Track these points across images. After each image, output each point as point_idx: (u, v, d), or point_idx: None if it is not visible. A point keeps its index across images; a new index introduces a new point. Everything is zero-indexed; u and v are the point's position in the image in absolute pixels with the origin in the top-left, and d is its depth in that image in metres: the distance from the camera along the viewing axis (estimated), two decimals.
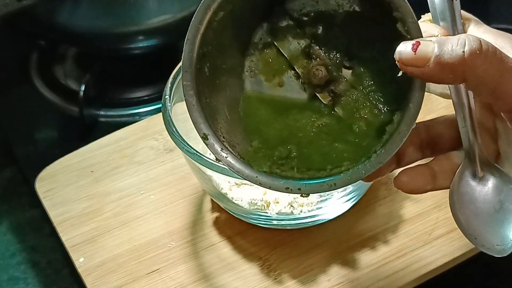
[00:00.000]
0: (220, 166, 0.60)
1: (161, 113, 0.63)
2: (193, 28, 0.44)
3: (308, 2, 0.47)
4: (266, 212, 0.63)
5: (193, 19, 0.44)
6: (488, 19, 0.97)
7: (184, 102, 0.44)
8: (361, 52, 0.47)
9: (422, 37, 0.41)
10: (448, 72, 0.40)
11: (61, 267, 0.71)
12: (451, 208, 0.46)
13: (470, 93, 0.45)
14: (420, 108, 0.43)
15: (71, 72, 0.92)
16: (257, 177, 0.44)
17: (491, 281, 0.68)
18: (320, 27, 0.48)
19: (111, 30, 0.83)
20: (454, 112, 0.46)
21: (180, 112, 0.66)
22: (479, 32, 0.47)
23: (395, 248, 0.63)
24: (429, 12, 0.45)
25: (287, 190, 0.43)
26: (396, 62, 0.41)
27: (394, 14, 0.42)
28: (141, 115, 0.85)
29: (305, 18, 0.48)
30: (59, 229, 0.67)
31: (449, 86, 0.45)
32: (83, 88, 0.83)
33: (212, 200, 0.68)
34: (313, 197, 0.62)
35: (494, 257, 0.44)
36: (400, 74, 0.42)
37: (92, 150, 0.73)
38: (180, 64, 0.67)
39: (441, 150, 0.48)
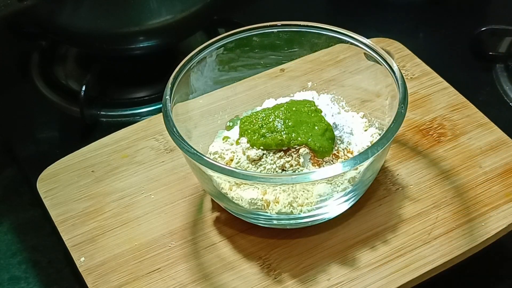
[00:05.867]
0: (220, 166, 0.60)
1: (161, 113, 0.64)
2: None
3: None
4: (266, 212, 0.63)
5: None
6: (487, 19, 0.97)
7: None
8: None
9: None
10: None
11: (62, 266, 0.71)
12: None
13: None
14: None
15: (72, 73, 0.92)
16: None
17: (490, 281, 0.68)
18: None
19: (111, 30, 0.83)
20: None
21: (180, 112, 0.66)
22: None
23: (395, 248, 0.64)
24: None
25: None
26: None
27: None
28: (142, 115, 0.85)
29: None
30: (60, 229, 0.67)
31: None
32: (84, 88, 0.83)
33: (212, 200, 0.68)
34: (313, 197, 0.62)
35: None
36: None
37: (92, 150, 0.74)
38: (181, 64, 0.67)
39: None
